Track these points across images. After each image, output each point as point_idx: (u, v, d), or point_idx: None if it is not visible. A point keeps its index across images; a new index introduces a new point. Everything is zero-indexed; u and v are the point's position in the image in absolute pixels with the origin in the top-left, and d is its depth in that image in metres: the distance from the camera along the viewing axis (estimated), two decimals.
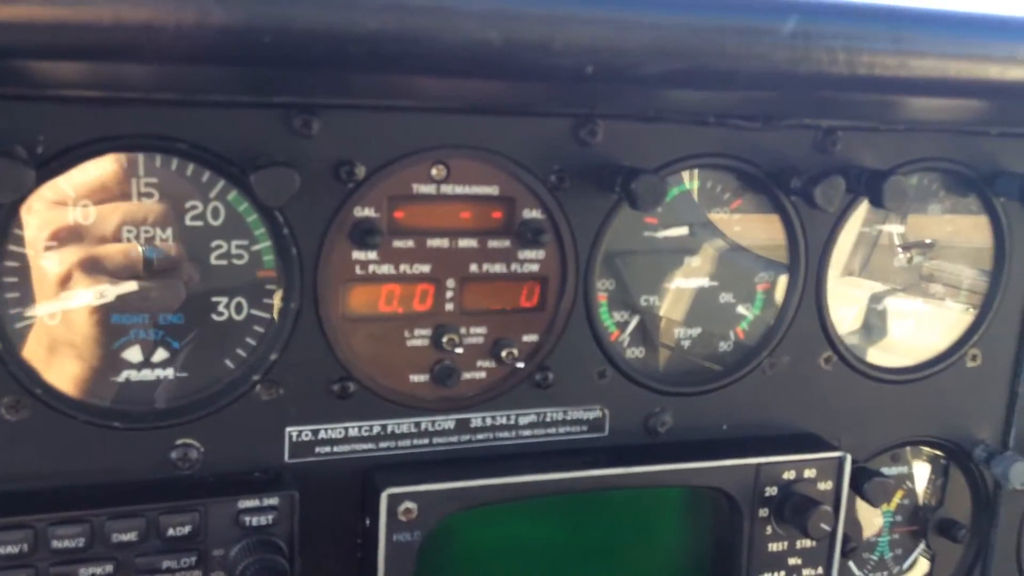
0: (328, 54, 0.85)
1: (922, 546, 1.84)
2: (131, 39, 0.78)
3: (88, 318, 1.27)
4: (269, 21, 0.81)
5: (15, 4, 0.76)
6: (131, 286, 1.27)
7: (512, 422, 1.49)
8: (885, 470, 1.76)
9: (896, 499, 1.81)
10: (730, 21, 0.96)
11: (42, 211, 1.22)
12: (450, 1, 0.85)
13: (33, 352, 1.26)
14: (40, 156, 1.17)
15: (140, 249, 1.26)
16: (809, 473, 1.56)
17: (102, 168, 1.23)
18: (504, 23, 0.87)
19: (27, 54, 0.82)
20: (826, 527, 1.52)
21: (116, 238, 1.25)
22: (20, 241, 1.22)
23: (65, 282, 1.24)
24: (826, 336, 1.64)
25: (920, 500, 1.84)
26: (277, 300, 1.33)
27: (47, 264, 1.23)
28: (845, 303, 1.69)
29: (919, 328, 1.75)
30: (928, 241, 1.73)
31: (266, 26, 0.81)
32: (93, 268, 1.25)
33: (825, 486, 1.56)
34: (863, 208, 1.66)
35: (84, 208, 1.23)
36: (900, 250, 1.73)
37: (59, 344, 1.27)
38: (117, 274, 1.25)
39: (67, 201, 1.22)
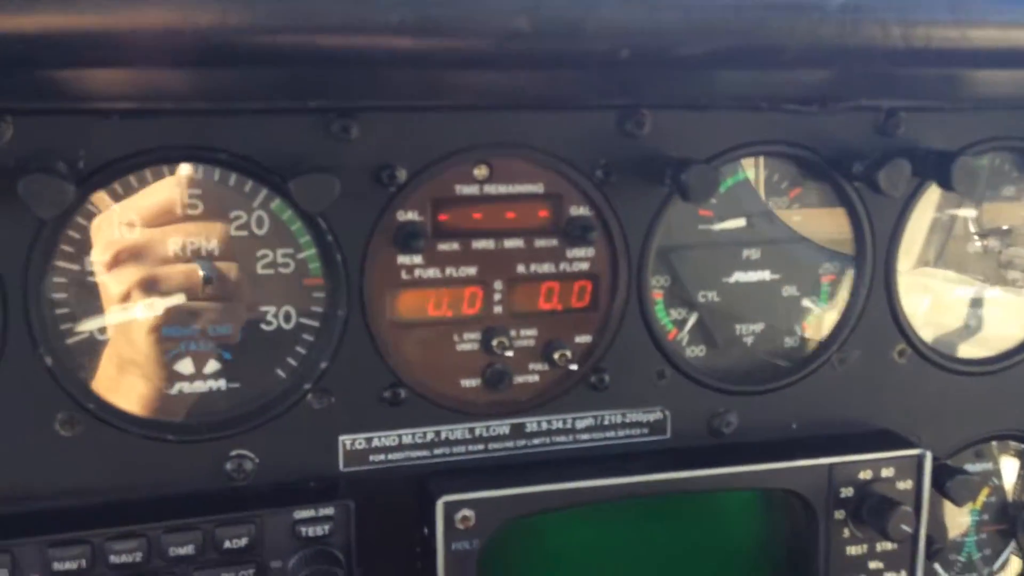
0: (350, 52, 0.83)
1: (1012, 545, 1.74)
2: (150, 43, 0.77)
3: (140, 332, 1.28)
4: (285, 21, 0.79)
5: (30, 13, 0.76)
6: (180, 298, 1.27)
7: (569, 426, 1.45)
8: (969, 467, 1.67)
9: (982, 497, 1.72)
10: None
11: (106, 231, 1.23)
12: None
13: (86, 367, 1.27)
14: (81, 171, 1.18)
15: (201, 272, 1.26)
16: (887, 472, 1.48)
17: (158, 188, 1.24)
18: (533, 8, 0.83)
19: (49, 63, 0.82)
20: (907, 528, 1.45)
21: (174, 256, 1.26)
22: (69, 257, 1.23)
23: (125, 301, 1.25)
24: (899, 328, 1.56)
25: (1009, 497, 1.74)
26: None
27: (109, 284, 1.24)
28: (921, 294, 1.61)
29: (1000, 317, 1.66)
30: (1005, 227, 1.64)
31: (282, 25, 0.79)
32: (153, 288, 1.26)
33: (905, 485, 1.49)
34: (935, 195, 1.58)
35: (142, 228, 1.25)
36: (976, 238, 1.64)
37: (112, 359, 1.28)
38: (177, 295, 1.27)
39: (132, 222, 1.24)
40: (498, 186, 1.35)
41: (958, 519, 1.72)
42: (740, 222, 1.49)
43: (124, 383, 1.29)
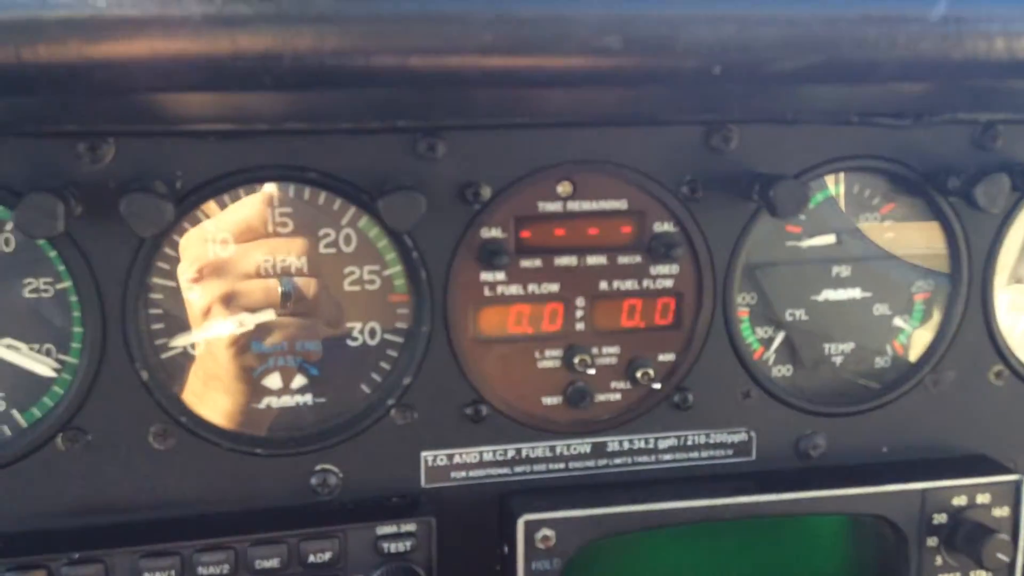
0: (443, 74, 0.83)
1: None
2: (250, 68, 0.79)
3: (230, 347, 1.30)
4: (381, 43, 0.80)
5: (136, 39, 0.78)
6: (269, 315, 1.29)
7: (651, 446, 1.43)
8: None
9: None
10: (870, 9, 0.89)
11: (193, 247, 1.26)
12: (564, 8, 0.81)
13: (179, 382, 1.30)
14: (179, 191, 1.21)
15: (280, 289, 1.28)
16: (982, 498, 1.43)
17: (250, 206, 1.27)
18: (623, 27, 0.83)
19: (150, 88, 0.84)
20: (1004, 557, 1.39)
21: (257, 272, 1.28)
22: (164, 274, 1.26)
23: (206, 315, 1.28)
24: (996, 348, 1.50)
25: None
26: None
27: (192, 298, 1.27)
28: (1017, 313, 1.55)
29: None
30: None
31: (378, 48, 0.80)
32: (233, 303, 1.28)
33: (1001, 512, 1.43)
34: None
35: (227, 244, 1.27)
36: None
37: (204, 373, 1.31)
38: (256, 310, 1.29)
39: (216, 239, 1.26)
40: (581, 203, 1.35)
41: None
42: (830, 239, 1.45)
43: (207, 397, 1.32)
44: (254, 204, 1.27)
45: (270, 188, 1.27)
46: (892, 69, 0.90)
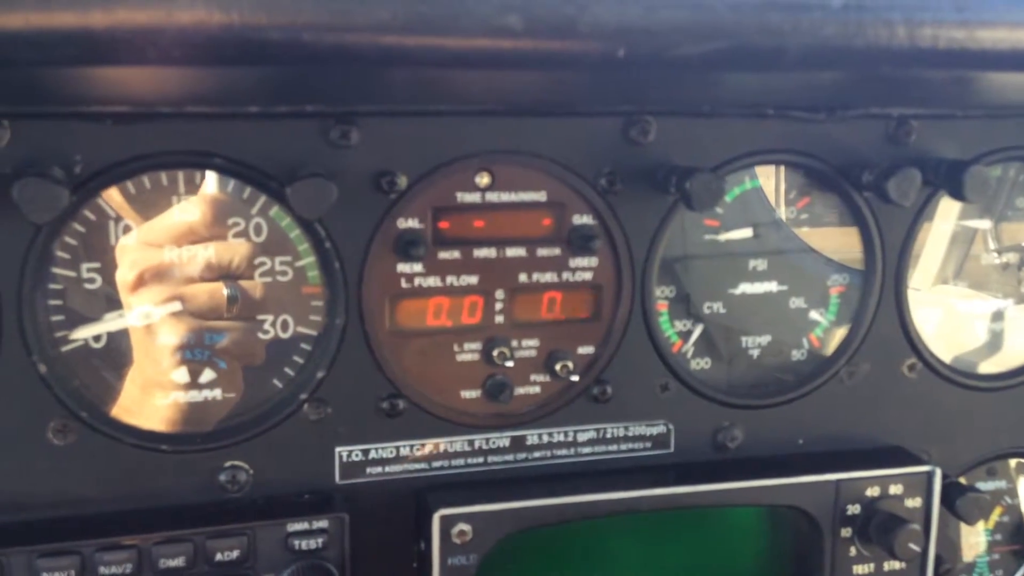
0: (337, 51, 0.81)
1: None
2: (130, 41, 0.76)
3: (134, 340, 1.26)
4: (271, 18, 0.78)
5: (10, 12, 0.74)
6: (175, 305, 1.26)
7: (570, 439, 1.42)
8: (981, 485, 1.63)
9: (995, 516, 1.68)
10: None
11: (135, 251, 1.23)
12: None
13: (80, 376, 1.25)
14: (78, 176, 1.16)
15: (225, 291, 1.25)
16: (895, 489, 1.45)
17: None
18: (524, 6, 0.81)
19: (44, 63, 0.80)
20: (915, 547, 1.41)
21: (171, 263, 1.24)
22: (64, 263, 1.22)
23: (124, 307, 1.24)
24: (909, 341, 1.52)
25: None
26: None
27: (133, 303, 1.24)
28: (936, 309, 1.59)
29: (1014, 332, 1.62)
30: None
31: (269, 23, 0.78)
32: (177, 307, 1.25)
33: (913, 503, 1.45)
34: (954, 209, 1.56)
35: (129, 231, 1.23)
36: (996, 253, 1.61)
37: (106, 367, 1.26)
38: (202, 315, 1.26)
39: (159, 243, 1.23)
40: (500, 194, 1.33)
41: (970, 539, 1.68)
42: (747, 232, 1.46)
43: (117, 392, 1.27)
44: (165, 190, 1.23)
45: (175, 174, 1.23)
46: (796, 56, 0.90)
